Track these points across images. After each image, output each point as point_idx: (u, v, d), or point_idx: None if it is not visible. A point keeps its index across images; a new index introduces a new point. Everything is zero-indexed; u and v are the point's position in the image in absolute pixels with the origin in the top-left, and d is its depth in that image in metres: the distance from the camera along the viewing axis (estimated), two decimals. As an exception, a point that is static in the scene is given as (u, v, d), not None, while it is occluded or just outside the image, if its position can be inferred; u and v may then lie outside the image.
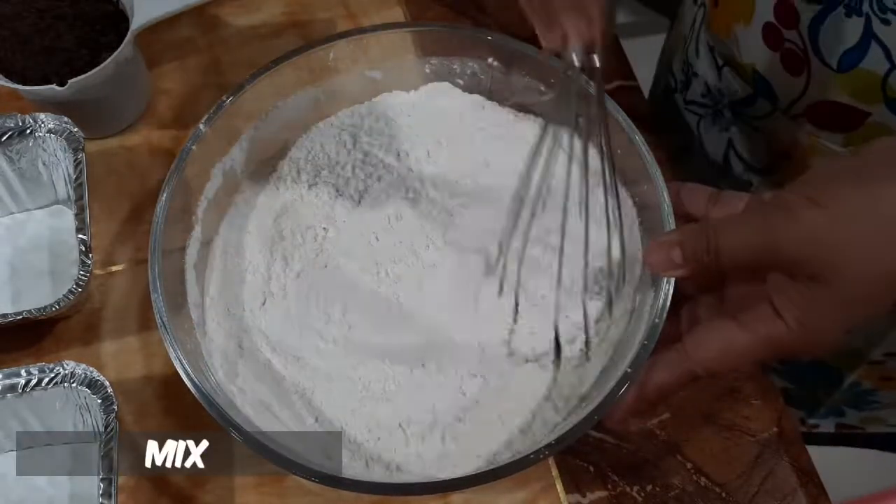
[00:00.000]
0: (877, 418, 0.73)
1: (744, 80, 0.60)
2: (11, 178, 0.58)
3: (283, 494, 0.51)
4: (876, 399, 0.71)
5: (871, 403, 0.71)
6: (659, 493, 0.51)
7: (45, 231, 0.59)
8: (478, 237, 0.53)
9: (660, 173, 0.50)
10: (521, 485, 0.51)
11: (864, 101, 0.53)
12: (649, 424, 0.53)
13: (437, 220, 0.54)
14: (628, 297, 0.50)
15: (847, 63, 0.52)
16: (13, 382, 0.49)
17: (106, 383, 0.48)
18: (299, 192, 0.55)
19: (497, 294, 0.51)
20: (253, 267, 0.53)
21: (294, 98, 0.56)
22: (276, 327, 0.51)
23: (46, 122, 0.56)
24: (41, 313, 0.51)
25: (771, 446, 0.53)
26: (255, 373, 0.50)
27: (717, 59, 0.63)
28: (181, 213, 0.52)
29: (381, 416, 0.49)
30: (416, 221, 0.54)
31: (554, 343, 0.50)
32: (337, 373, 0.50)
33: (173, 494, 0.51)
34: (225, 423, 0.44)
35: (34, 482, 0.51)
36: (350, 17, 0.68)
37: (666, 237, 0.44)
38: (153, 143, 0.63)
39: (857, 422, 0.75)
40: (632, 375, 0.44)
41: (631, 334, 0.48)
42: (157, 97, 0.64)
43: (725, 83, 0.62)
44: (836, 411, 0.74)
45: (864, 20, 0.49)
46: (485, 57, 0.55)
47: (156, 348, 0.55)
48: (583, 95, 0.46)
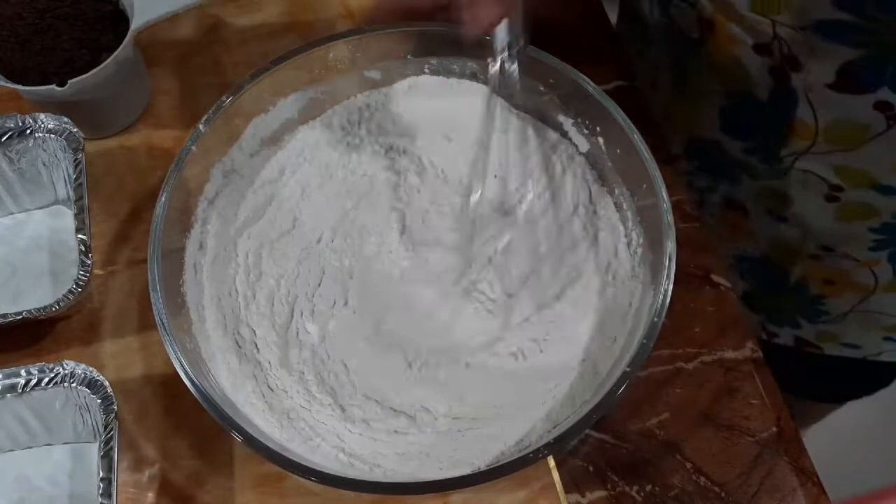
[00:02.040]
0: (830, 334, 0.74)
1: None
2: (11, 179, 0.58)
3: (283, 494, 0.51)
4: (824, 308, 0.72)
5: (820, 315, 0.73)
6: (658, 492, 0.51)
7: (45, 231, 0.59)
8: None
9: (659, 173, 0.50)
10: (521, 484, 0.51)
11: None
12: (648, 424, 0.53)
13: (435, 216, 0.54)
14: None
15: None
16: (13, 382, 0.49)
17: (106, 383, 0.48)
18: (297, 191, 0.55)
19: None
20: (246, 265, 0.53)
21: (293, 98, 0.56)
22: (271, 326, 0.51)
23: (46, 122, 0.56)
24: (41, 313, 0.51)
25: (770, 446, 0.53)
26: (253, 372, 0.50)
27: None
28: (181, 213, 0.52)
29: (380, 416, 0.49)
30: (416, 217, 0.55)
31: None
32: (335, 372, 0.50)
33: (173, 494, 0.51)
34: (224, 423, 0.44)
35: (34, 482, 0.51)
36: (350, 17, 0.68)
37: None
38: (153, 143, 0.63)
39: (814, 337, 0.76)
40: (631, 375, 0.44)
41: (630, 333, 0.48)
42: (157, 97, 0.64)
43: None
44: (792, 321, 0.76)
45: None
46: (484, 57, 0.55)
47: (155, 348, 0.54)
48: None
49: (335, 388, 0.50)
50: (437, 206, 0.55)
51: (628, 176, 0.52)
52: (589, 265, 0.53)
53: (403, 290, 0.53)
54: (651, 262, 0.50)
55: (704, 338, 0.56)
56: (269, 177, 0.56)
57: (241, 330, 0.51)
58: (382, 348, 0.51)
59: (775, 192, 0.64)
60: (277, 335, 0.51)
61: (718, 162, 0.67)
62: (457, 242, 0.54)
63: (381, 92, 0.58)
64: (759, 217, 0.68)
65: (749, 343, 0.56)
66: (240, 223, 0.54)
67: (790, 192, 0.63)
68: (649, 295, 0.48)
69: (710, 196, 0.71)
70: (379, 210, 0.55)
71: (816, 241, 0.65)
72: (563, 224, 0.54)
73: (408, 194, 0.55)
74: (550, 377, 0.50)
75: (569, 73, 0.53)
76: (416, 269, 0.53)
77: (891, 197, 0.59)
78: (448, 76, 0.57)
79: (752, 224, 0.69)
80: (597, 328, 0.51)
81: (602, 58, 0.66)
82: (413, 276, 0.53)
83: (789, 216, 0.65)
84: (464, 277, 0.52)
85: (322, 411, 0.49)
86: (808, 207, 0.63)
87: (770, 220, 0.67)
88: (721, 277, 0.58)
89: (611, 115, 0.52)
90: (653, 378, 0.54)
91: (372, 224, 0.55)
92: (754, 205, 0.68)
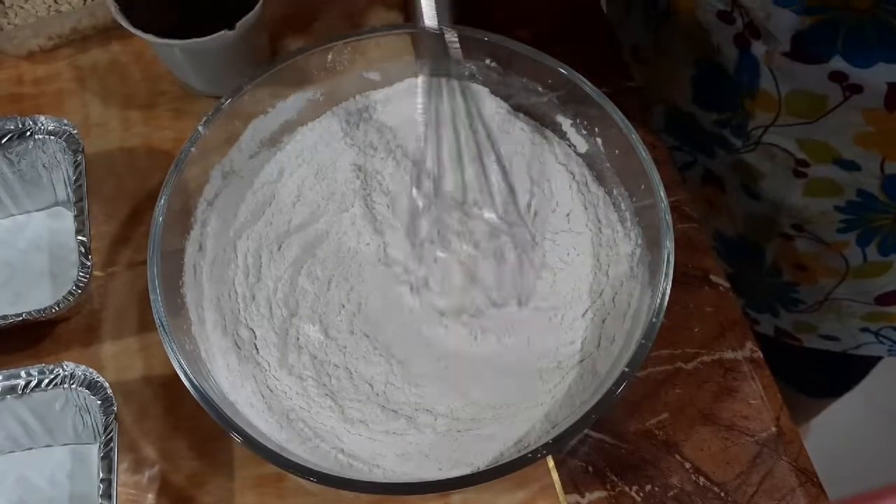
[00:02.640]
0: (808, 325, 0.75)
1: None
2: (11, 180, 0.58)
3: (283, 495, 0.51)
4: (799, 297, 0.72)
5: (796, 303, 0.73)
6: (658, 493, 0.51)
7: (45, 233, 0.59)
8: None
9: (657, 173, 0.50)
10: (520, 485, 0.51)
11: None
12: (647, 424, 0.53)
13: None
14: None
15: None
16: (13, 384, 0.49)
17: (105, 384, 0.49)
18: (295, 192, 0.56)
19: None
20: (245, 267, 0.53)
21: (292, 99, 0.56)
22: (271, 328, 0.52)
23: (46, 124, 0.56)
24: (41, 315, 0.51)
25: (770, 446, 0.53)
26: (253, 373, 0.50)
27: None
28: (180, 215, 0.52)
29: (379, 418, 0.49)
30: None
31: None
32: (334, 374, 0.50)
33: (173, 495, 0.51)
34: (224, 424, 0.44)
35: (34, 483, 0.51)
36: (348, 19, 0.68)
37: None
38: (152, 144, 0.63)
39: (792, 328, 0.77)
40: (629, 375, 0.44)
41: (629, 333, 0.48)
42: (156, 98, 0.64)
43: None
44: (770, 308, 0.76)
45: None
46: (483, 58, 0.56)
47: (155, 349, 0.55)
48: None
49: (334, 389, 0.50)
50: (439, 206, 0.55)
51: (627, 176, 0.52)
52: (587, 265, 0.53)
53: (400, 291, 0.53)
54: (649, 263, 0.50)
55: (703, 338, 0.56)
56: (269, 178, 0.56)
57: (240, 331, 0.51)
58: (381, 349, 0.51)
59: (747, 167, 0.65)
60: (276, 336, 0.51)
61: (695, 135, 0.68)
62: (458, 242, 0.54)
63: (380, 93, 0.58)
64: (734, 192, 0.69)
65: (748, 343, 0.56)
66: (239, 224, 0.54)
67: (760, 167, 0.64)
68: (648, 295, 0.48)
69: (691, 171, 0.72)
70: (378, 211, 0.55)
71: (788, 219, 0.66)
72: (560, 224, 0.54)
73: (408, 195, 0.55)
74: (549, 377, 0.50)
75: (567, 73, 0.53)
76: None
77: (853, 172, 0.59)
78: (448, 77, 0.57)
79: (728, 199, 0.70)
80: (595, 328, 0.51)
81: (600, 58, 0.66)
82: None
83: (761, 193, 0.66)
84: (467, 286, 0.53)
85: (321, 412, 0.49)
86: (777, 182, 0.64)
87: (744, 197, 0.68)
88: (720, 278, 0.58)
89: (609, 116, 0.52)
90: (652, 378, 0.54)
91: (371, 225, 0.55)
92: (729, 179, 0.69)
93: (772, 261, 0.72)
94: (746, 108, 0.61)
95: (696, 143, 0.70)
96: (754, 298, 0.78)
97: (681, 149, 0.72)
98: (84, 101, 0.64)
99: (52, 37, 0.65)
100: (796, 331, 0.77)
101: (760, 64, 0.57)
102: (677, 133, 0.71)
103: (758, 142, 0.62)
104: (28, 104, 0.63)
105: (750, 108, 0.61)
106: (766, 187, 0.65)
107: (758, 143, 0.62)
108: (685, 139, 0.71)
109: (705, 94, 0.66)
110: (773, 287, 0.74)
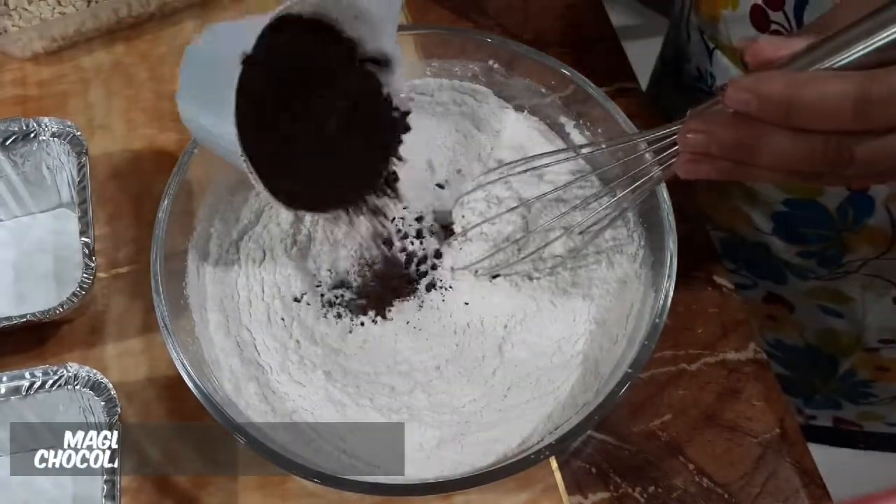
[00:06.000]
0: (874, 414, 0.73)
1: (733, 61, 0.61)
2: (16, 182, 0.58)
3: (286, 496, 0.51)
4: (872, 391, 0.70)
5: (867, 396, 0.71)
6: (661, 494, 0.51)
7: (49, 234, 0.59)
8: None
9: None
10: (524, 486, 0.51)
11: None
12: (651, 425, 0.53)
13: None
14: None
15: None
16: (17, 385, 0.49)
17: (109, 385, 0.49)
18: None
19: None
20: (247, 269, 0.53)
21: (296, 101, 0.56)
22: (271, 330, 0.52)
23: (50, 125, 0.56)
24: (45, 316, 0.52)
25: (773, 447, 0.53)
26: (255, 375, 0.50)
27: (708, 42, 0.63)
28: (183, 216, 0.52)
29: (382, 418, 0.49)
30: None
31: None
32: (335, 373, 0.50)
33: (176, 496, 0.51)
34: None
35: (38, 483, 0.52)
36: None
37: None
38: (156, 146, 0.63)
39: (855, 417, 0.74)
40: (632, 376, 0.44)
41: (632, 334, 0.48)
42: (160, 101, 0.65)
43: (717, 66, 0.63)
44: (833, 403, 0.74)
45: None
46: (486, 59, 0.56)
47: (159, 350, 0.55)
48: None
49: (336, 391, 0.50)
50: (439, 207, 0.55)
51: (627, 175, 0.52)
52: (589, 267, 0.53)
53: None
54: (652, 264, 0.50)
55: (707, 339, 0.56)
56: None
57: (242, 333, 0.51)
58: (383, 352, 0.51)
59: (830, 293, 0.62)
60: (276, 339, 0.51)
61: (763, 264, 0.64)
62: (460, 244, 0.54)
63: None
64: (807, 311, 0.65)
65: (751, 344, 0.56)
66: (241, 226, 0.54)
67: (849, 293, 0.61)
68: (651, 296, 0.48)
69: (749, 292, 0.68)
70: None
71: (876, 335, 0.63)
72: (562, 224, 0.54)
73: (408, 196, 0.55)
74: (553, 378, 0.50)
75: (570, 75, 0.53)
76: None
77: None
78: (450, 78, 0.57)
79: (797, 318, 0.66)
80: (597, 329, 0.51)
81: (603, 60, 0.66)
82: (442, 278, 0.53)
83: (845, 313, 0.62)
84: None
85: (324, 414, 0.49)
86: (871, 307, 0.61)
87: (820, 315, 0.64)
88: (723, 279, 0.58)
89: (612, 117, 0.52)
90: (655, 379, 0.54)
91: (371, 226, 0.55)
92: (802, 302, 0.65)
93: (848, 368, 0.68)
94: (845, 241, 0.58)
95: (762, 272, 0.65)
96: (815, 397, 0.74)
97: (737, 272, 0.67)
98: (88, 102, 0.64)
99: (55, 39, 0.65)
100: (859, 419, 0.74)
101: (877, 204, 0.55)
102: (734, 258, 0.67)
103: (853, 271, 0.59)
104: (32, 106, 0.64)
105: (851, 242, 0.58)
106: (854, 309, 0.62)
107: (851, 273, 0.59)
108: (749, 266, 0.66)
109: (791, 229, 0.61)
110: (843, 388, 0.71)
